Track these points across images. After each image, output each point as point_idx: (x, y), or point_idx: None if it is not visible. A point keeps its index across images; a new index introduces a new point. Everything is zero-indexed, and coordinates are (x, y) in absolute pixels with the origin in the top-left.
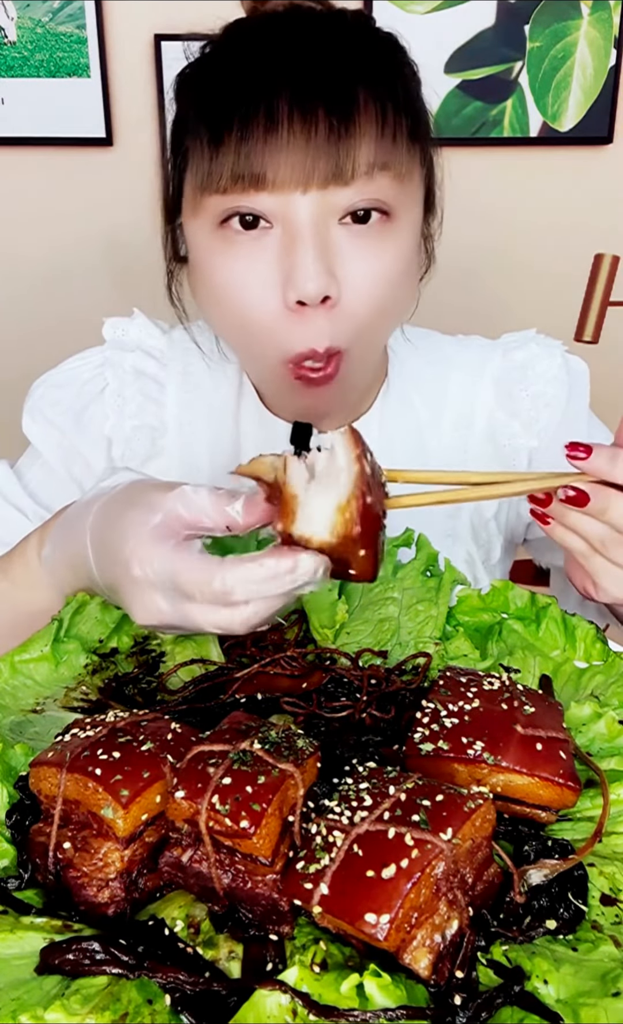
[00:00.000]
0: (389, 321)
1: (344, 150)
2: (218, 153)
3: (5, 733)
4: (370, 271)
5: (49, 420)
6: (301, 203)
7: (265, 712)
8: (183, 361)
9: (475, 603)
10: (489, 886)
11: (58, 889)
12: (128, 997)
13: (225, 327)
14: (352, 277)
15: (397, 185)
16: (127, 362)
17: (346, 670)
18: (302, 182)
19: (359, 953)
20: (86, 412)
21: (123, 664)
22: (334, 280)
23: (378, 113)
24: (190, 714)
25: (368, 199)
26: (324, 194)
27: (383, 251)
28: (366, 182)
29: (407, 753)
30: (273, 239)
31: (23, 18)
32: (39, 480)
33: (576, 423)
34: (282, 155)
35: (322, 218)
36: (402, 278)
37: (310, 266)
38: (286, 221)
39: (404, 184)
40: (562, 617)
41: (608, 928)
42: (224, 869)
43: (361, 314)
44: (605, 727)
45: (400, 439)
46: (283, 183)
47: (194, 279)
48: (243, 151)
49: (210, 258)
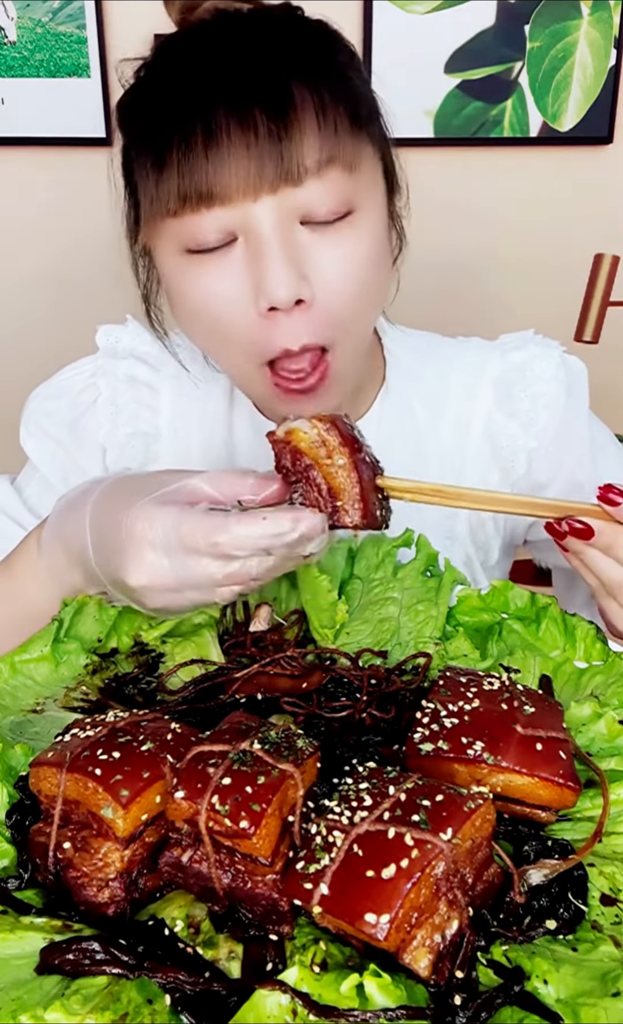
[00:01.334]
0: (369, 310)
1: (287, 150)
2: (162, 176)
3: (5, 733)
4: (341, 267)
5: (45, 432)
6: (257, 211)
7: (265, 712)
8: (176, 366)
9: (475, 603)
10: (489, 886)
11: (58, 889)
12: (128, 997)
13: (205, 343)
14: (323, 276)
15: (350, 176)
16: (120, 369)
17: (346, 670)
18: (251, 190)
19: (359, 953)
20: (80, 422)
21: (123, 664)
22: (306, 282)
23: (316, 106)
24: (190, 714)
25: (327, 205)
26: (278, 197)
27: (351, 245)
28: (317, 179)
29: (407, 753)
30: (238, 251)
31: (23, 18)
32: (38, 494)
33: (576, 423)
34: (225, 166)
35: (283, 222)
36: (374, 267)
37: (279, 272)
38: (247, 231)
39: (358, 173)
40: (562, 617)
41: (608, 928)
42: (224, 869)
43: (337, 310)
44: (605, 727)
45: (399, 441)
46: (233, 194)
47: (171, 302)
48: (186, 170)
49: (180, 279)
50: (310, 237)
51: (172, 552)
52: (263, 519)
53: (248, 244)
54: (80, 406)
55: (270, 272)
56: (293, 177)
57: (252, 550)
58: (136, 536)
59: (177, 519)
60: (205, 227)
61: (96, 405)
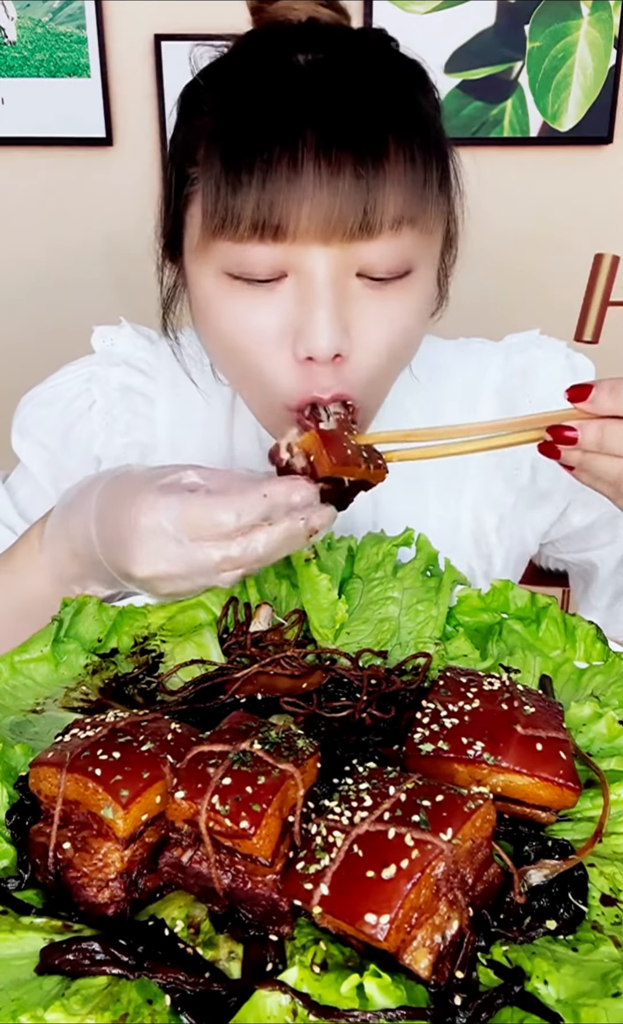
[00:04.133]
0: (400, 366)
1: (371, 202)
2: (236, 196)
3: (5, 733)
4: (386, 327)
5: (36, 439)
6: (321, 256)
7: (265, 712)
8: (172, 373)
9: (475, 603)
10: (489, 886)
11: (58, 889)
12: (128, 997)
13: (228, 369)
14: (366, 334)
15: (422, 239)
16: (114, 378)
17: (346, 670)
18: (325, 235)
19: (359, 953)
20: (73, 431)
21: (123, 664)
22: (347, 337)
23: (408, 161)
24: (190, 714)
25: (388, 264)
26: (346, 248)
27: (400, 306)
28: (391, 237)
29: (407, 753)
30: (287, 289)
31: (23, 18)
32: (29, 498)
33: None
34: (306, 205)
35: (341, 271)
36: (415, 330)
37: (324, 324)
38: (303, 273)
39: (429, 235)
40: (562, 617)
41: (608, 928)
42: (224, 869)
43: (370, 367)
44: (605, 727)
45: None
46: (304, 234)
47: (198, 317)
48: (265, 198)
49: (217, 301)
50: (362, 290)
51: (179, 539)
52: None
53: (298, 285)
54: (73, 413)
55: (317, 321)
56: (370, 231)
57: (254, 517)
58: (141, 528)
59: (181, 506)
60: (261, 259)
61: (90, 413)
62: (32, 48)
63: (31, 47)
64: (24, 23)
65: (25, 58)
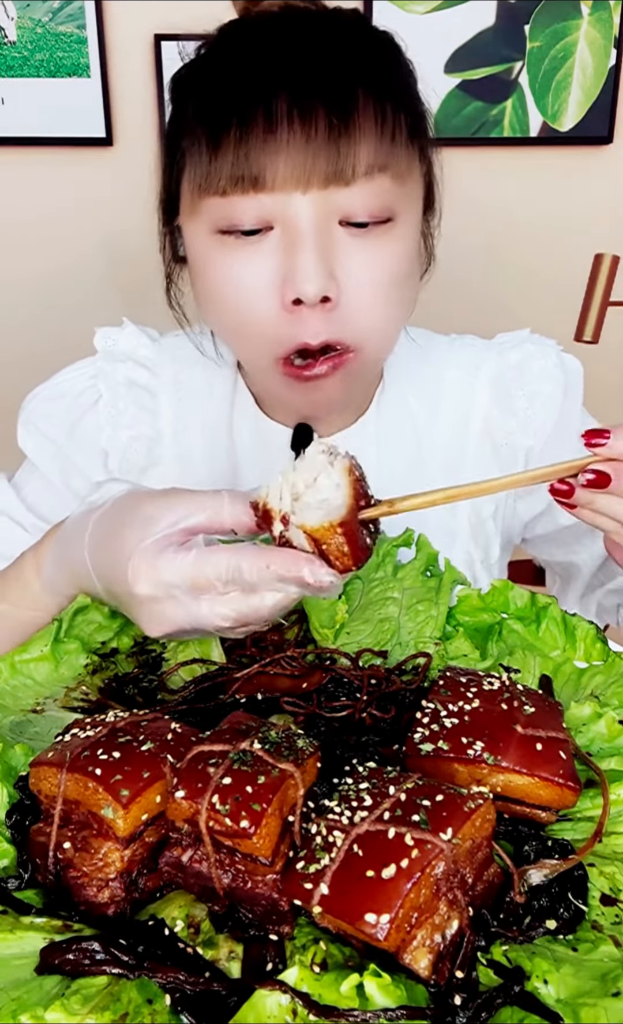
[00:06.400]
0: (392, 322)
1: (344, 150)
2: (217, 155)
3: (5, 733)
4: (371, 272)
5: (43, 433)
6: (301, 204)
7: (265, 712)
8: (173, 369)
9: (475, 603)
10: (489, 886)
11: (58, 889)
12: (128, 997)
13: (222, 327)
14: (352, 279)
15: (397, 186)
16: (119, 373)
17: (346, 670)
18: (302, 182)
19: (359, 953)
20: (80, 424)
21: (123, 664)
22: (333, 281)
23: (378, 113)
24: (190, 714)
25: (369, 209)
26: (324, 194)
27: (384, 253)
28: (366, 183)
29: (407, 753)
30: (273, 240)
31: (23, 18)
32: (37, 493)
33: (572, 422)
34: (281, 155)
35: (323, 219)
36: (402, 279)
37: (310, 267)
38: (286, 222)
39: (404, 184)
40: (562, 617)
41: (608, 928)
42: (224, 869)
43: (360, 314)
44: (605, 727)
45: (397, 440)
46: (283, 183)
47: (193, 279)
48: (242, 152)
49: (209, 258)
50: (346, 238)
51: (182, 603)
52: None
53: (284, 234)
54: (80, 408)
55: (301, 264)
56: (344, 177)
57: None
58: (142, 598)
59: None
60: (246, 210)
61: (96, 407)
62: (32, 48)
63: (31, 47)
64: (24, 23)
65: (25, 58)
